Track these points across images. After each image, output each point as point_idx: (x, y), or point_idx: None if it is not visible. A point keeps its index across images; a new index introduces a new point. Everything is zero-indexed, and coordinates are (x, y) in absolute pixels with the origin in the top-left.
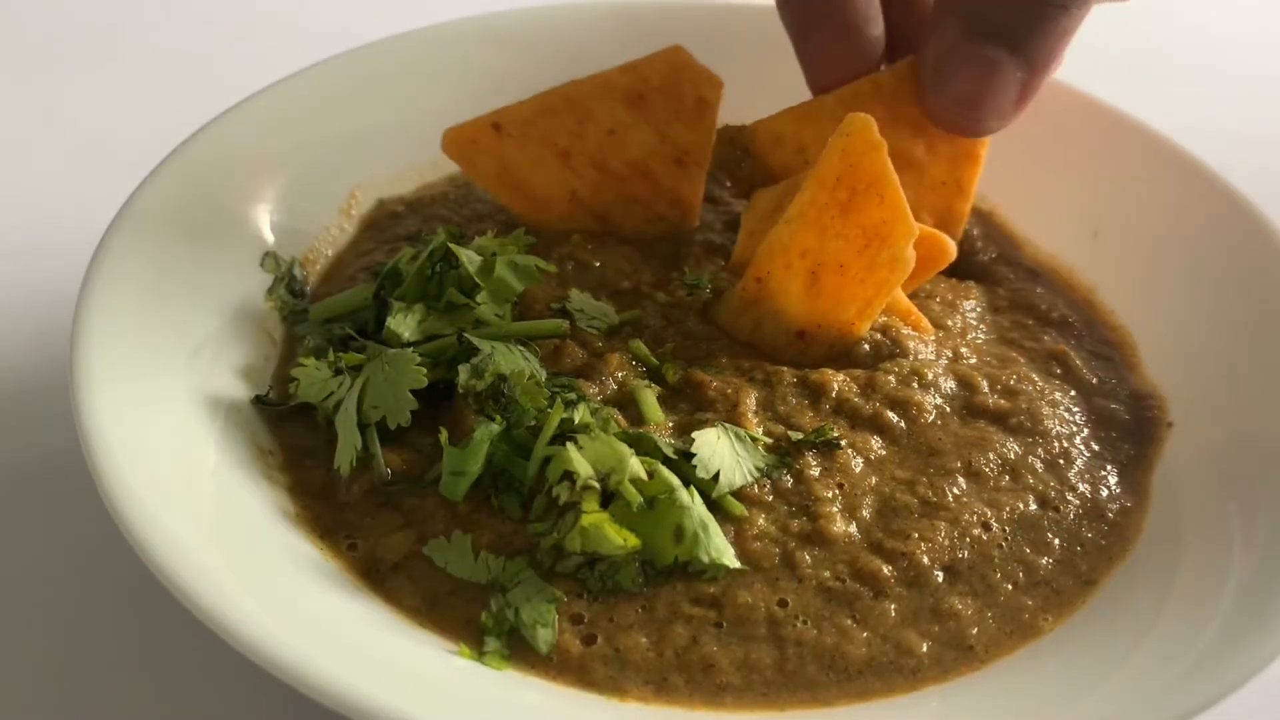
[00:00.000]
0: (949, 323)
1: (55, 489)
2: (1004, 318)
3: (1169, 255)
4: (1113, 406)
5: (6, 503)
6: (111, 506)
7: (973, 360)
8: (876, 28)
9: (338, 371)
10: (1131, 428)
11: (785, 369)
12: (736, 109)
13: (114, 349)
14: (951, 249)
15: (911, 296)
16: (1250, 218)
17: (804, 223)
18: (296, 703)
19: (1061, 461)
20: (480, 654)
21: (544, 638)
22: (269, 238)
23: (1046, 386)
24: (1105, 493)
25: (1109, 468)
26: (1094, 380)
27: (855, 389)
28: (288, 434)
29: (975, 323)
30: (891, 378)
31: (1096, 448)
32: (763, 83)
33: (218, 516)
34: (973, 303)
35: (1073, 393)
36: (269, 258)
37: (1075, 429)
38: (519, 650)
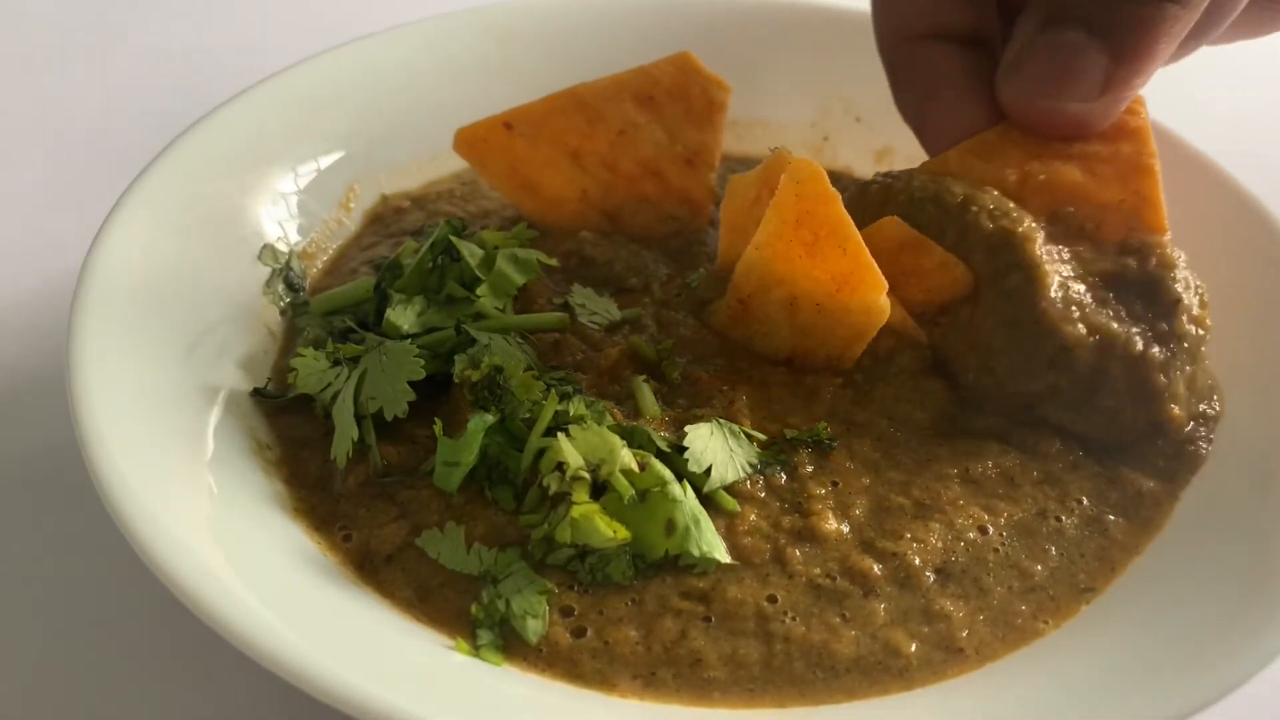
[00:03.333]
0: None
1: (53, 484)
2: None
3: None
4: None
5: (5, 499)
6: (108, 502)
7: None
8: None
9: (336, 363)
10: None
11: (784, 368)
12: (742, 107)
13: (111, 343)
14: (970, 280)
15: None
16: (1257, 215)
17: (772, 252)
18: (295, 698)
19: (1062, 468)
20: (476, 648)
21: (534, 629)
22: (267, 231)
23: None
24: (1107, 502)
25: (1115, 479)
26: None
27: (852, 395)
28: (285, 426)
29: None
30: (891, 388)
31: (1102, 457)
32: (767, 78)
33: (214, 512)
34: None
35: None
36: (266, 250)
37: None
38: (510, 643)
